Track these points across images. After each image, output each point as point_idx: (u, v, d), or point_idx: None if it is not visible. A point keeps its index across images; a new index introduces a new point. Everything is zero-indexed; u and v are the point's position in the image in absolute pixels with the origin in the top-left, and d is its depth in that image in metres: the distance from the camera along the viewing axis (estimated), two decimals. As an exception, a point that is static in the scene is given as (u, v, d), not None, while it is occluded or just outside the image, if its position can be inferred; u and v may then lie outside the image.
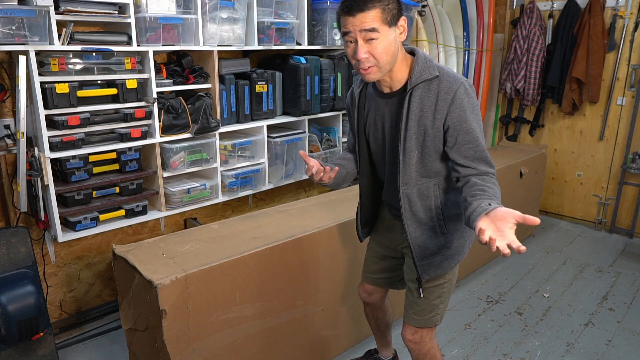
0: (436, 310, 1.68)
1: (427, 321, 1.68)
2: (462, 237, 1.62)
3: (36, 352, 2.07)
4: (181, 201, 2.54)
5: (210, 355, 1.80)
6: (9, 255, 1.98)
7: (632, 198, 3.88)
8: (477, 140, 1.41)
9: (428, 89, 1.41)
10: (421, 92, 1.42)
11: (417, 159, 1.48)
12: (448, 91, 1.39)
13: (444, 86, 1.40)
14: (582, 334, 2.58)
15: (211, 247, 1.90)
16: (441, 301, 1.67)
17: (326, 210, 2.33)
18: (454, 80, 1.40)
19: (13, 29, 1.87)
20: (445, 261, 1.61)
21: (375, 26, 1.32)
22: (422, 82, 1.41)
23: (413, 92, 1.42)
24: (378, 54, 1.35)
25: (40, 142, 2.04)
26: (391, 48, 1.36)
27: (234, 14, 2.50)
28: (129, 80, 2.22)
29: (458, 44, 3.93)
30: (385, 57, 1.36)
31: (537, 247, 3.70)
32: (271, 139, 2.85)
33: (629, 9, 3.66)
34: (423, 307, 1.67)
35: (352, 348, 2.41)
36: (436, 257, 1.59)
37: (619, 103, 3.83)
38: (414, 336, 1.70)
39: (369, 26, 1.31)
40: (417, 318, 1.68)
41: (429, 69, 1.41)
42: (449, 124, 1.40)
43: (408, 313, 1.71)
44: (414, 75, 1.42)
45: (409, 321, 1.71)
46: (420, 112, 1.42)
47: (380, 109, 1.53)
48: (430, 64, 1.43)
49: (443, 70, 1.43)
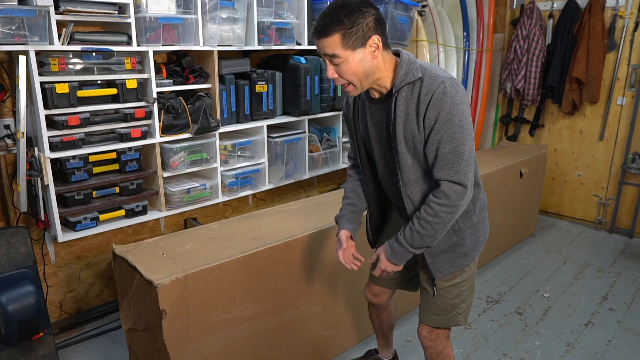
0: (457, 310, 1.66)
1: (447, 321, 1.68)
2: (474, 233, 1.61)
3: (36, 352, 2.07)
4: (181, 201, 2.54)
5: (210, 355, 1.80)
6: (9, 255, 1.98)
7: (632, 198, 3.88)
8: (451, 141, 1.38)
9: (412, 92, 1.40)
10: (405, 94, 1.41)
11: (411, 160, 1.47)
12: (427, 92, 1.37)
13: (425, 87, 1.37)
14: (582, 334, 2.58)
15: (211, 247, 1.90)
16: (461, 300, 1.66)
17: (326, 210, 2.33)
18: (434, 79, 1.37)
19: (13, 29, 1.87)
20: (459, 259, 1.59)
21: (335, 52, 1.34)
22: (405, 85, 1.40)
23: (398, 95, 1.41)
24: (344, 75, 1.38)
25: (40, 142, 2.04)
26: (358, 69, 1.36)
27: (234, 14, 2.50)
28: (129, 80, 2.22)
29: (458, 44, 3.93)
30: (353, 77, 1.38)
31: (537, 247, 3.70)
32: (271, 139, 2.85)
33: (629, 9, 3.66)
34: (442, 307, 1.66)
35: (352, 348, 2.41)
36: (448, 254, 1.58)
37: (619, 103, 3.83)
38: (430, 334, 1.71)
39: (330, 52, 1.35)
40: (437, 318, 1.68)
41: (412, 71, 1.39)
42: (426, 124, 1.39)
43: (427, 314, 1.70)
44: (398, 79, 1.41)
45: (427, 321, 1.70)
46: (405, 115, 1.42)
47: (374, 114, 1.54)
48: (413, 65, 1.40)
49: (427, 71, 1.40)
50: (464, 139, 1.38)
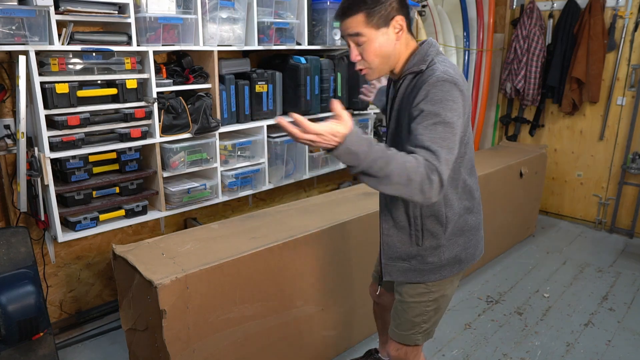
0: (417, 329, 1.59)
1: (405, 337, 1.61)
2: (437, 255, 1.49)
3: (36, 352, 2.07)
4: (181, 201, 2.54)
5: (210, 355, 1.80)
6: (9, 255, 1.98)
7: (632, 198, 3.88)
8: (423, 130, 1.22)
9: (411, 81, 1.38)
10: (407, 83, 1.40)
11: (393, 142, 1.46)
12: (422, 85, 1.31)
13: (422, 79, 1.32)
14: (582, 334, 2.58)
15: (211, 247, 1.90)
16: (423, 320, 1.58)
17: (326, 210, 2.33)
18: (431, 72, 1.31)
19: (13, 29, 1.87)
20: (411, 272, 1.53)
21: (359, 31, 1.32)
22: (409, 74, 1.39)
23: (402, 82, 1.41)
24: (367, 56, 1.37)
25: (40, 142, 2.04)
26: (382, 49, 1.35)
27: (234, 14, 2.50)
28: (129, 80, 2.22)
29: (458, 44, 3.93)
30: (375, 60, 1.37)
31: (537, 247, 3.70)
32: (271, 139, 2.85)
33: (629, 9, 3.66)
34: (402, 322, 1.61)
35: (352, 348, 2.41)
36: (403, 263, 1.54)
37: (619, 103, 3.83)
38: (397, 352, 1.65)
39: (353, 31, 1.33)
40: (397, 332, 1.63)
41: (419, 63, 1.37)
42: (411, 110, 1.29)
43: (391, 325, 1.66)
44: (407, 66, 1.40)
45: (390, 333, 1.67)
46: (400, 103, 1.41)
47: (391, 94, 1.54)
48: (426, 57, 1.37)
49: (432, 64, 1.34)
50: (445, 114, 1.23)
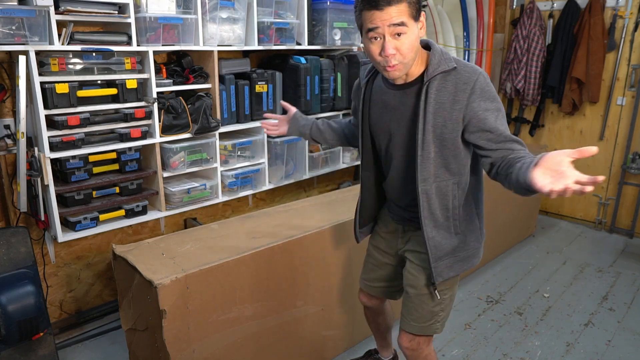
0: (436, 318, 1.62)
1: (425, 328, 1.63)
2: (477, 239, 1.59)
3: (36, 352, 2.07)
4: (181, 201, 2.54)
5: (210, 355, 1.80)
6: (9, 255, 1.98)
7: (632, 198, 3.88)
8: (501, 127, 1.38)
9: (445, 81, 1.38)
10: (438, 83, 1.38)
11: (434, 153, 1.43)
12: (467, 82, 1.35)
13: (463, 77, 1.36)
14: (582, 334, 2.58)
15: (211, 247, 1.90)
16: (442, 309, 1.62)
17: (326, 210, 2.33)
18: (472, 70, 1.37)
19: (13, 29, 1.87)
20: (458, 263, 1.56)
21: (404, 20, 1.28)
22: (439, 74, 1.38)
23: (430, 84, 1.39)
24: (404, 49, 1.32)
25: (40, 142, 2.04)
26: (415, 43, 1.35)
27: (234, 14, 2.50)
28: (129, 80, 2.22)
29: (458, 44, 3.93)
30: (410, 54, 1.34)
31: (537, 247, 3.70)
32: (271, 139, 2.85)
33: (629, 9, 3.66)
34: (422, 314, 1.62)
35: (352, 348, 2.41)
36: (449, 258, 1.55)
37: (619, 103, 3.83)
38: (410, 343, 1.66)
39: (399, 20, 1.27)
40: (416, 325, 1.64)
41: (446, 61, 1.38)
42: (471, 114, 1.36)
43: (406, 320, 1.66)
44: (431, 67, 1.39)
45: (406, 328, 1.66)
46: (437, 104, 1.39)
47: (390, 101, 1.49)
48: (446, 56, 1.40)
49: (460, 62, 1.40)
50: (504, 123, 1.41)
